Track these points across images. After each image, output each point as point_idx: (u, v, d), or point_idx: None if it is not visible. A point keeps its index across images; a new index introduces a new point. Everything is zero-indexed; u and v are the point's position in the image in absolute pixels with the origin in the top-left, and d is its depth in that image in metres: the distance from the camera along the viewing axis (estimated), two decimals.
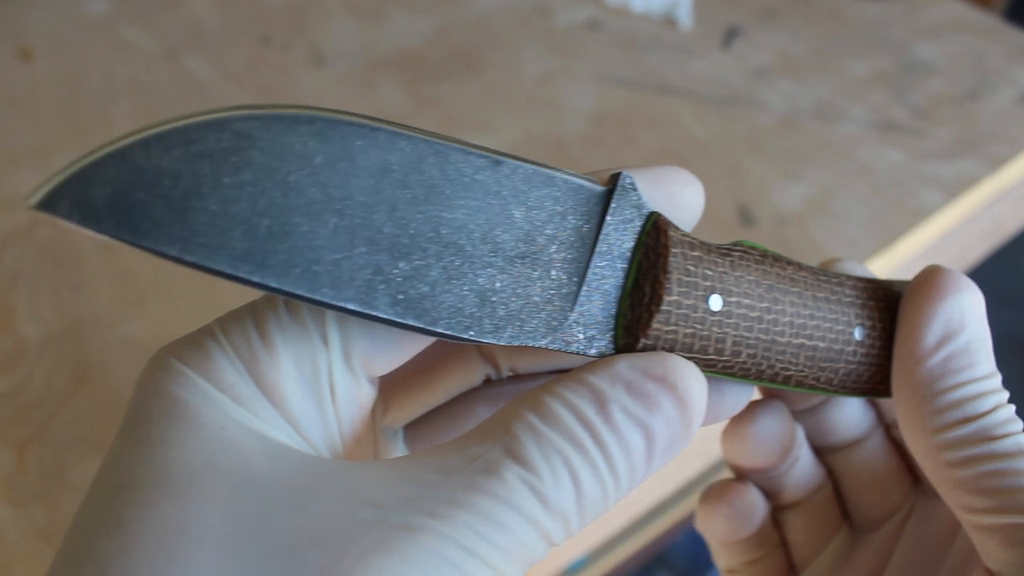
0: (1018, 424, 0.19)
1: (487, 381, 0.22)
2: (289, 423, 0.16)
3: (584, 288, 0.17)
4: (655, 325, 0.17)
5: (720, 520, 0.24)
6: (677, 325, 0.18)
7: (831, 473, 0.25)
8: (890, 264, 0.45)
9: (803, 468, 0.24)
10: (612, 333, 0.18)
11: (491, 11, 0.60)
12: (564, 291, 0.17)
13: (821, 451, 0.25)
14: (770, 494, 0.24)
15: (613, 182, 0.18)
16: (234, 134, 0.14)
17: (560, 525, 0.15)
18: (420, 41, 0.57)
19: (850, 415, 0.24)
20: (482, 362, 0.22)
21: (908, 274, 0.49)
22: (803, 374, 0.20)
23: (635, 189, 0.18)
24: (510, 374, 0.22)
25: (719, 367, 0.19)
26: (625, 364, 0.17)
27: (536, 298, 0.17)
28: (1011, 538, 0.18)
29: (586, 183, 0.18)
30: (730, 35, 0.58)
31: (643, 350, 0.17)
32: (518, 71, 0.55)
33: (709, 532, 0.25)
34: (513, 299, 0.17)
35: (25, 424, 0.37)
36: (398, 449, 0.22)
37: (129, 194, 0.14)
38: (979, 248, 0.56)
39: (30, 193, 0.14)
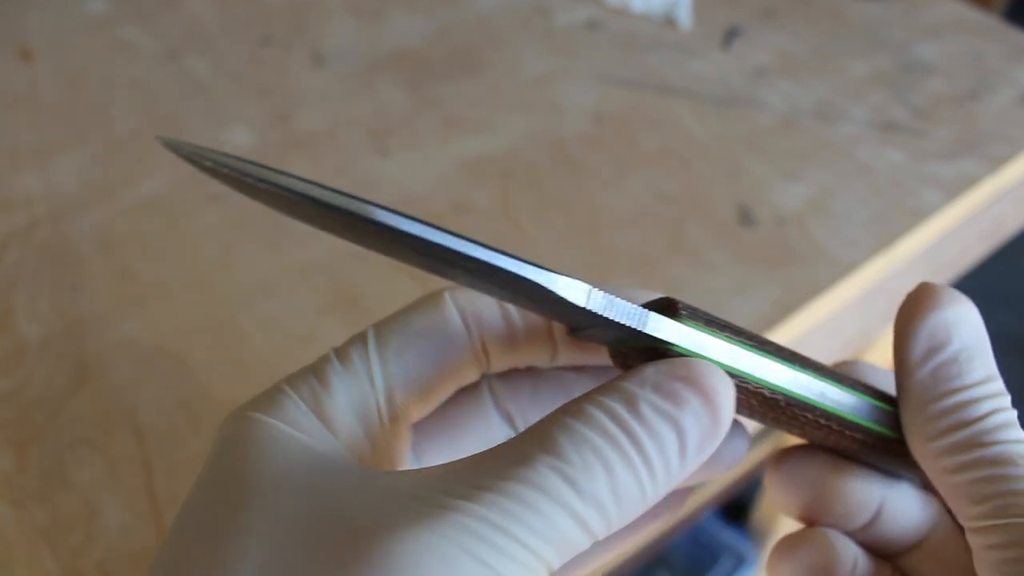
0: (1014, 430, 0.19)
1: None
2: (347, 447, 0.19)
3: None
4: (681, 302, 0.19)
5: None
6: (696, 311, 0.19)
7: (900, 573, 0.24)
8: (890, 264, 0.45)
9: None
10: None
11: (491, 11, 0.60)
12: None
13: (886, 556, 0.24)
14: None
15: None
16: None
17: (595, 512, 0.16)
18: (420, 41, 0.57)
19: (909, 518, 0.23)
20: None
21: (909, 273, 0.49)
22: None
23: None
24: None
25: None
26: (652, 368, 0.18)
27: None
28: (992, 540, 0.19)
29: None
30: (730, 35, 0.58)
31: (685, 313, 0.19)
32: (518, 71, 0.55)
33: None
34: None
35: (25, 424, 0.37)
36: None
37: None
38: (979, 248, 0.56)
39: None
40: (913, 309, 0.21)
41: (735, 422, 0.22)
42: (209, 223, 0.45)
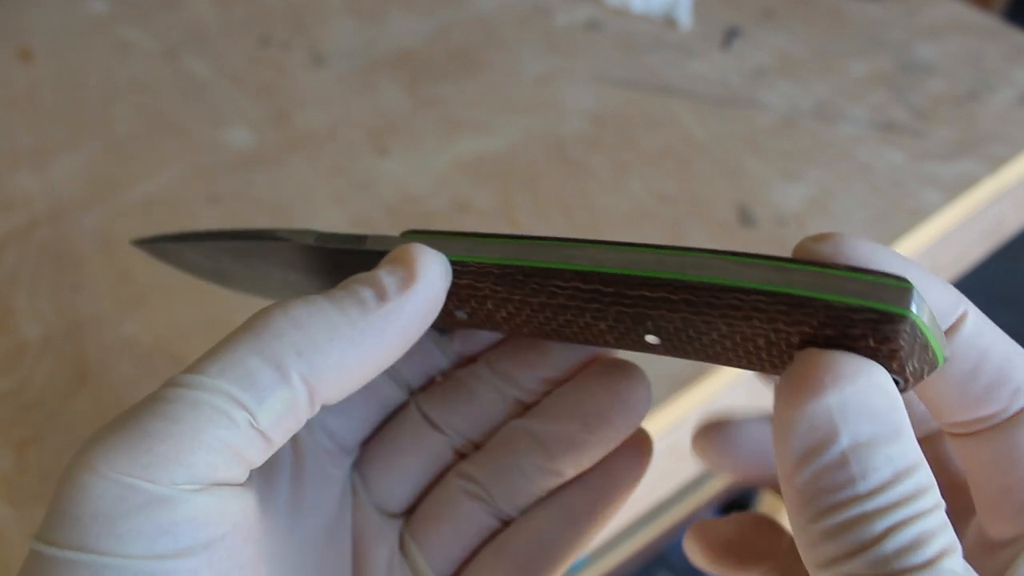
0: (934, 545, 0.14)
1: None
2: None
3: None
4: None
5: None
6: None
7: None
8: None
9: None
10: None
11: (491, 11, 0.60)
12: None
13: None
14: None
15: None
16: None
17: (288, 350, 0.17)
18: (420, 41, 0.57)
19: None
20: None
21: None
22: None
23: None
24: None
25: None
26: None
27: None
28: None
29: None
30: (730, 35, 0.58)
31: (407, 233, 0.21)
32: (518, 71, 0.55)
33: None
34: None
35: (25, 424, 0.37)
36: None
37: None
38: (979, 248, 0.56)
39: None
40: (785, 396, 0.15)
41: (631, 367, 0.21)
42: (209, 223, 0.45)
